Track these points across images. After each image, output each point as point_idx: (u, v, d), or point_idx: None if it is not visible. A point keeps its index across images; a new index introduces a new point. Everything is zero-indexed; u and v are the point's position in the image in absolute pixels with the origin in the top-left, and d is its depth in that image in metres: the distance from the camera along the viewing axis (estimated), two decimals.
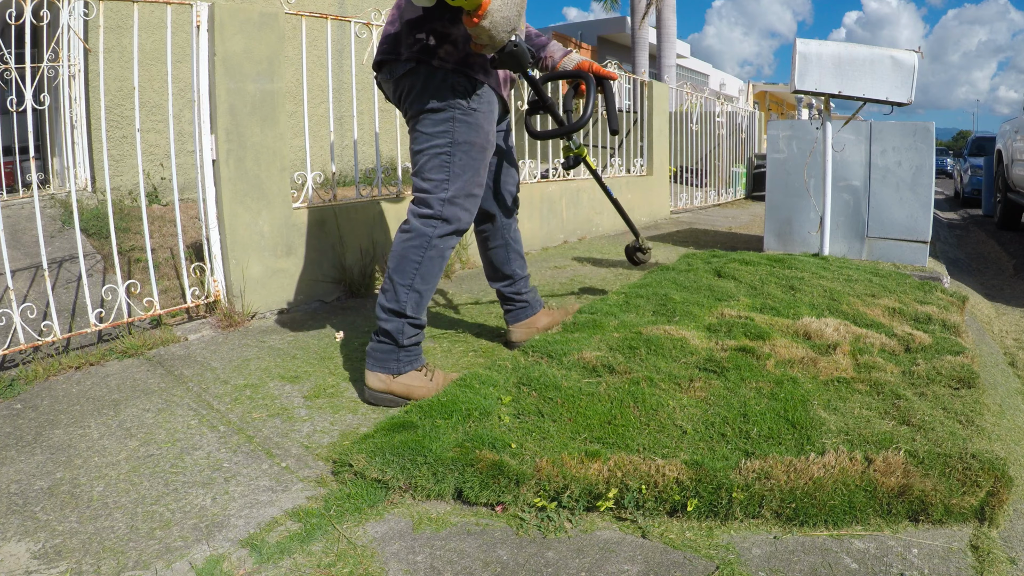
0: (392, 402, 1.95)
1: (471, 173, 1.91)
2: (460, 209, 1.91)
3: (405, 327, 1.93)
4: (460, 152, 1.87)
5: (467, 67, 1.85)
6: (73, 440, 1.79)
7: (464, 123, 1.87)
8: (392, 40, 1.90)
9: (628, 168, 6.27)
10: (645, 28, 13.97)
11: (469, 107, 1.87)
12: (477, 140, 1.89)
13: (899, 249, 3.99)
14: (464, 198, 1.91)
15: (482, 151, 1.92)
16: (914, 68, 3.45)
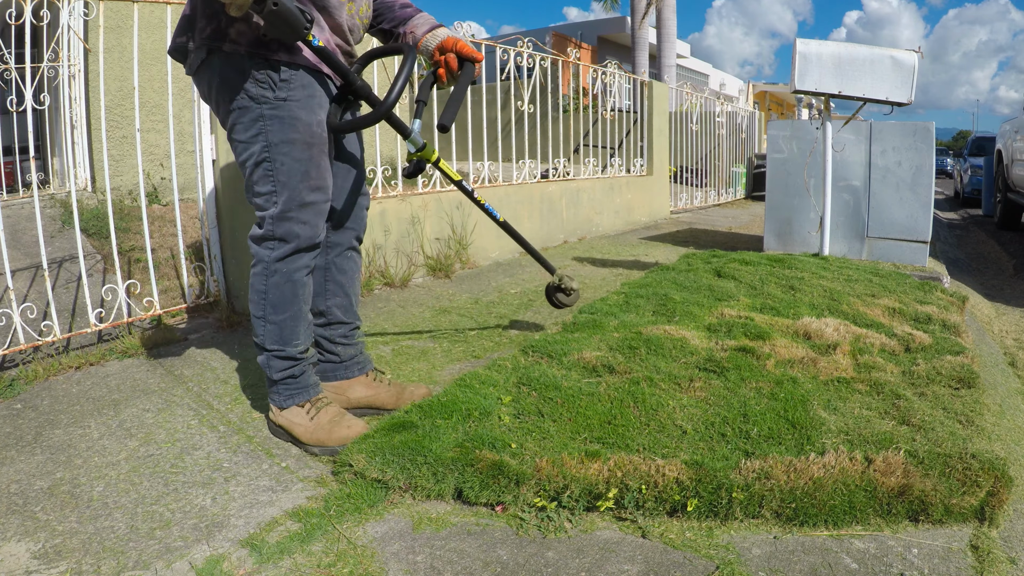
0: (284, 436, 1.73)
1: (299, 177, 1.55)
2: (295, 223, 1.57)
3: (271, 360, 1.67)
4: (280, 155, 1.52)
5: (263, 47, 1.47)
6: (73, 440, 1.79)
7: (275, 119, 1.51)
8: (186, 23, 1.54)
9: (628, 168, 6.27)
10: (645, 28, 13.97)
11: (276, 98, 1.50)
12: (297, 136, 1.53)
13: (899, 249, 3.99)
14: (298, 209, 1.56)
15: (308, 148, 1.55)
16: (914, 68, 3.45)
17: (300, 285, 1.63)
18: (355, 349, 1.88)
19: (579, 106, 7.16)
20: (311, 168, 1.57)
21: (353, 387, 1.87)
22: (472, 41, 3.99)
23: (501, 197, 4.26)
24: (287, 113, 1.52)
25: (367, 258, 3.34)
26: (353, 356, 1.87)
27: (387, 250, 3.46)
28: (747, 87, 16.53)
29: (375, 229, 3.39)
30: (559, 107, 5.26)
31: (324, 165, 1.60)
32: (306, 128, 1.55)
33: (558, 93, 6.42)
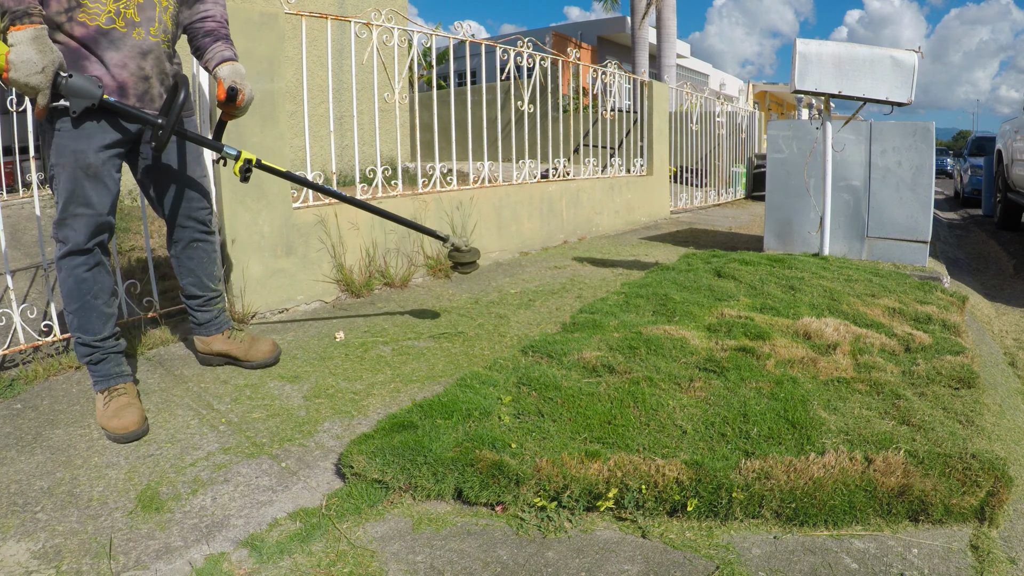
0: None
1: (67, 194, 1.81)
2: (69, 229, 1.84)
3: (76, 346, 1.93)
4: (60, 172, 1.80)
5: None
6: (73, 440, 1.79)
7: (54, 145, 1.79)
8: None
9: (628, 168, 6.27)
10: (645, 28, 13.97)
11: (53, 128, 1.78)
12: (66, 161, 1.79)
13: (899, 249, 3.99)
14: (71, 218, 1.83)
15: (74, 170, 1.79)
16: (914, 68, 3.45)
17: (88, 282, 1.88)
18: (211, 315, 2.27)
19: (579, 106, 7.16)
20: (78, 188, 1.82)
21: (214, 341, 2.29)
22: (472, 41, 4.00)
23: (501, 197, 4.26)
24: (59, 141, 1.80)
25: (367, 258, 3.34)
26: (210, 320, 2.27)
27: (387, 250, 3.47)
28: (747, 87, 16.53)
29: (375, 229, 3.39)
30: (559, 107, 5.26)
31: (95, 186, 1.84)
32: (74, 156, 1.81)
33: (558, 93, 6.41)
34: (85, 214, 1.83)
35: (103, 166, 1.85)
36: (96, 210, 1.84)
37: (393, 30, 3.45)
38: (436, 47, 15.00)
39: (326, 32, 3.30)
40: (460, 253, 2.61)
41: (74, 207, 1.82)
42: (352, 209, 3.27)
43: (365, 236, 3.34)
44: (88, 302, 1.88)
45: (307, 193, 3.14)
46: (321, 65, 5.69)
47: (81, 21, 1.74)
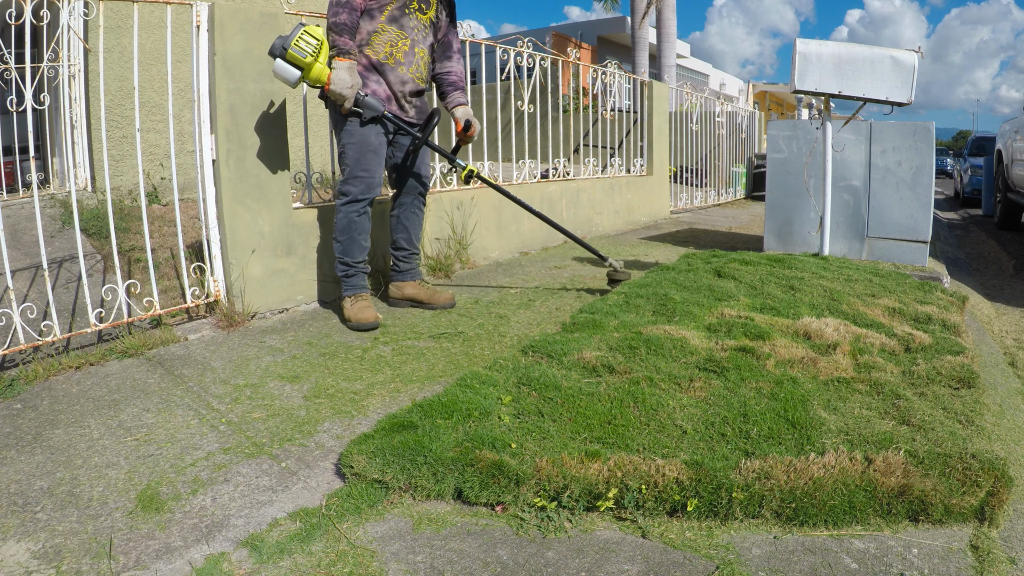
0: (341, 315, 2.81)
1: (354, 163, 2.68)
2: (351, 186, 2.69)
3: (337, 265, 2.79)
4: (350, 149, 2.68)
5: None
6: (73, 440, 1.79)
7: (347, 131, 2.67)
8: None
9: (628, 168, 6.27)
10: (645, 28, 13.97)
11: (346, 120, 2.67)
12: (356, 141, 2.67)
13: (899, 249, 3.99)
14: (354, 179, 2.69)
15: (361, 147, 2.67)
16: (914, 68, 3.45)
17: (352, 221, 2.72)
18: (410, 265, 3.05)
19: (579, 106, 7.16)
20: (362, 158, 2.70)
21: (407, 287, 3.04)
22: (472, 41, 3.99)
23: (501, 197, 4.26)
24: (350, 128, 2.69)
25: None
26: (409, 269, 3.05)
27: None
28: (747, 87, 16.53)
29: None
30: (559, 107, 5.26)
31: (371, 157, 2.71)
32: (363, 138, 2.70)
33: (558, 93, 6.41)
34: (364, 176, 2.69)
35: (380, 146, 2.72)
36: (372, 174, 2.70)
37: None
38: None
39: None
40: (616, 272, 3.23)
41: (358, 171, 2.68)
42: None
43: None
44: (353, 236, 2.73)
45: (307, 193, 3.13)
46: None
47: (366, 53, 2.66)
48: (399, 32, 2.66)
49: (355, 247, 2.74)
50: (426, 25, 2.77)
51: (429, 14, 2.78)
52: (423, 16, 2.75)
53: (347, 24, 2.54)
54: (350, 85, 2.54)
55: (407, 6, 2.67)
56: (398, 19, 2.66)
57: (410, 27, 2.69)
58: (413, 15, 2.70)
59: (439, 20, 2.86)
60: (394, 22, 2.65)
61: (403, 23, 2.67)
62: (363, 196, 2.70)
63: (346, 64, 2.53)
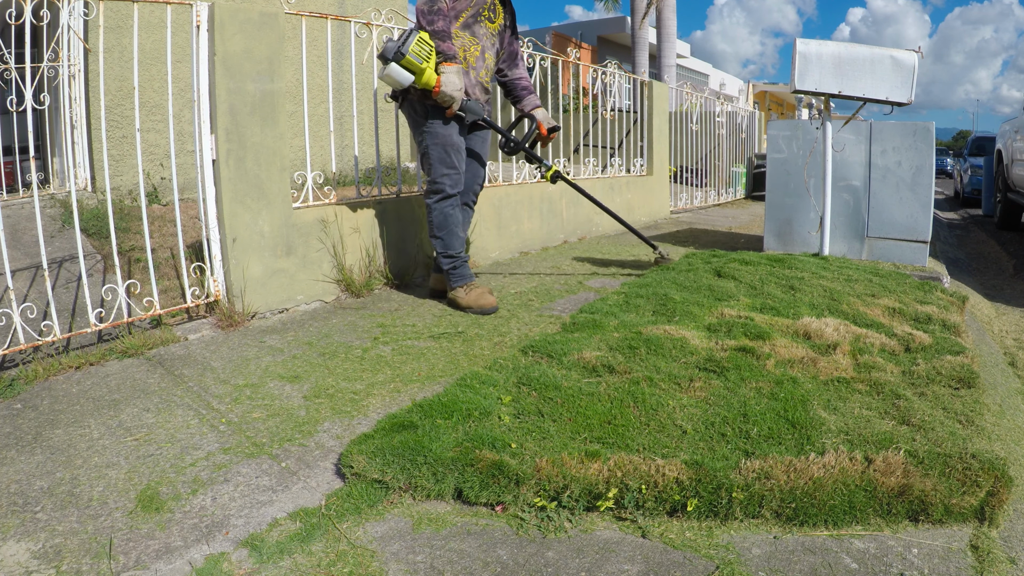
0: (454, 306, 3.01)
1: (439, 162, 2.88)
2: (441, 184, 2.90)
3: (441, 259, 3.02)
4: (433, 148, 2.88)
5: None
6: (73, 440, 1.79)
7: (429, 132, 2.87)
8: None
9: (628, 168, 6.27)
10: (645, 28, 13.97)
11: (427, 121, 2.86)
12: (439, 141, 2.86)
13: (899, 249, 3.99)
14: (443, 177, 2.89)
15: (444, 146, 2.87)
16: (914, 68, 3.45)
17: (447, 216, 2.94)
18: None
19: (579, 106, 7.16)
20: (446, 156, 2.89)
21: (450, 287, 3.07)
22: None
23: (501, 197, 4.26)
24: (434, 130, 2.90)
25: (367, 258, 3.34)
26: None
27: (387, 250, 3.46)
28: (747, 87, 16.53)
29: (375, 229, 3.39)
30: (559, 107, 5.26)
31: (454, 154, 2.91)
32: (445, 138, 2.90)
33: (558, 93, 6.41)
34: (452, 172, 2.88)
35: (461, 143, 2.90)
36: (458, 170, 2.90)
37: (393, 30, 3.45)
38: None
39: (326, 32, 3.30)
40: (664, 260, 3.73)
41: (446, 168, 2.87)
42: (352, 209, 3.27)
43: (365, 236, 3.34)
44: (451, 229, 2.95)
45: (307, 193, 3.13)
46: (321, 65, 5.69)
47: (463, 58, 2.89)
48: (471, 38, 2.87)
49: (455, 239, 2.97)
50: (494, 33, 3.00)
51: (497, 23, 3.01)
52: (491, 25, 2.97)
53: (447, 30, 2.74)
54: (459, 88, 2.74)
55: (479, 14, 2.88)
56: (471, 26, 2.87)
57: (480, 34, 2.91)
58: (483, 23, 2.92)
59: (505, 30, 3.07)
60: (467, 28, 2.86)
61: (475, 30, 2.88)
62: (454, 191, 2.92)
63: (455, 68, 2.74)
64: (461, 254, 2.99)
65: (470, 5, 2.84)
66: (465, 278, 2.99)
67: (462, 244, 3.01)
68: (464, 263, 3.00)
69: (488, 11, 2.92)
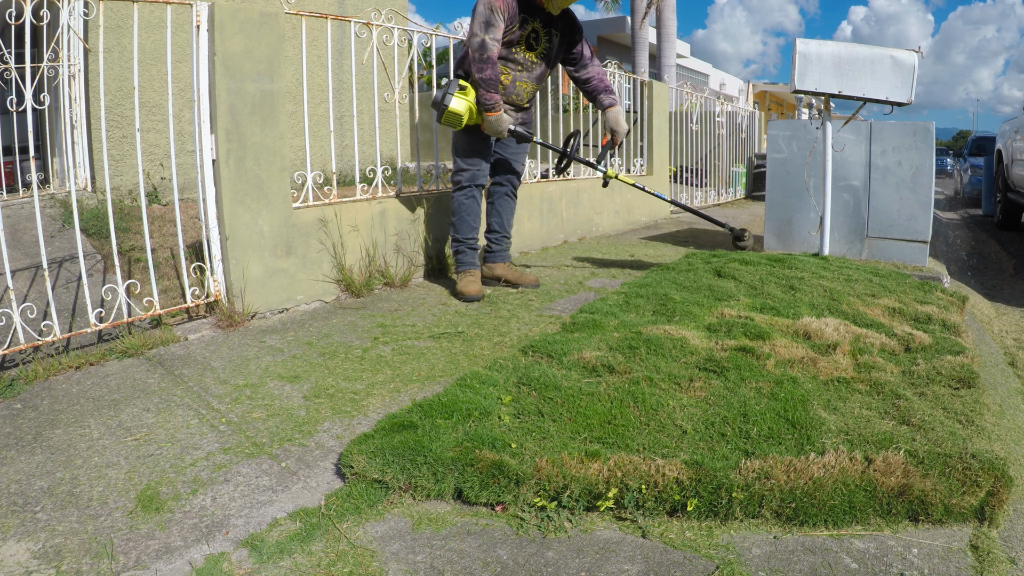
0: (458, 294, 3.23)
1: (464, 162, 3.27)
2: (461, 176, 3.28)
3: (452, 242, 3.36)
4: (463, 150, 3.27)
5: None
6: (73, 440, 1.79)
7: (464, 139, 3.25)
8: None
9: (628, 168, 6.27)
10: (645, 28, 13.96)
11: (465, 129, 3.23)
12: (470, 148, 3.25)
13: (899, 249, 3.99)
14: (463, 171, 3.27)
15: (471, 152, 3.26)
16: (914, 68, 3.45)
17: (462, 204, 3.29)
18: (501, 247, 3.49)
19: (579, 106, 7.15)
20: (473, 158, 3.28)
21: (497, 268, 3.48)
22: None
23: None
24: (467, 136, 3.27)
25: (367, 258, 3.35)
26: (500, 251, 3.49)
27: (387, 250, 3.46)
28: (747, 87, 16.53)
29: (375, 229, 3.39)
30: (559, 107, 5.25)
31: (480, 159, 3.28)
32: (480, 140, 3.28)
33: (558, 93, 6.40)
34: (471, 168, 3.26)
35: (486, 145, 3.26)
36: (478, 166, 3.26)
37: (393, 30, 3.45)
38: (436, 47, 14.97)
39: (326, 32, 3.30)
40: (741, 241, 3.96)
41: (466, 163, 3.25)
42: (352, 209, 3.27)
43: (365, 236, 3.34)
44: (462, 216, 3.28)
45: (307, 193, 3.13)
46: (321, 65, 5.69)
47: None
48: (503, 68, 3.18)
49: (464, 225, 3.29)
50: (534, 60, 3.24)
51: (538, 50, 3.23)
52: (530, 53, 3.21)
53: (493, 79, 3.01)
54: (500, 130, 3.13)
55: (514, 47, 3.15)
56: (505, 57, 3.16)
57: (516, 61, 3.19)
58: (520, 52, 3.18)
59: (551, 51, 3.29)
60: (501, 60, 3.15)
61: (508, 60, 3.17)
62: (468, 183, 3.26)
63: (494, 117, 3.08)
64: (467, 240, 3.27)
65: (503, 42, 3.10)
66: (464, 264, 3.29)
67: (471, 231, 3.28)
68: (467, 251, 3.29)
69: (526, 41, 3.16)
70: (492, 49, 2.97)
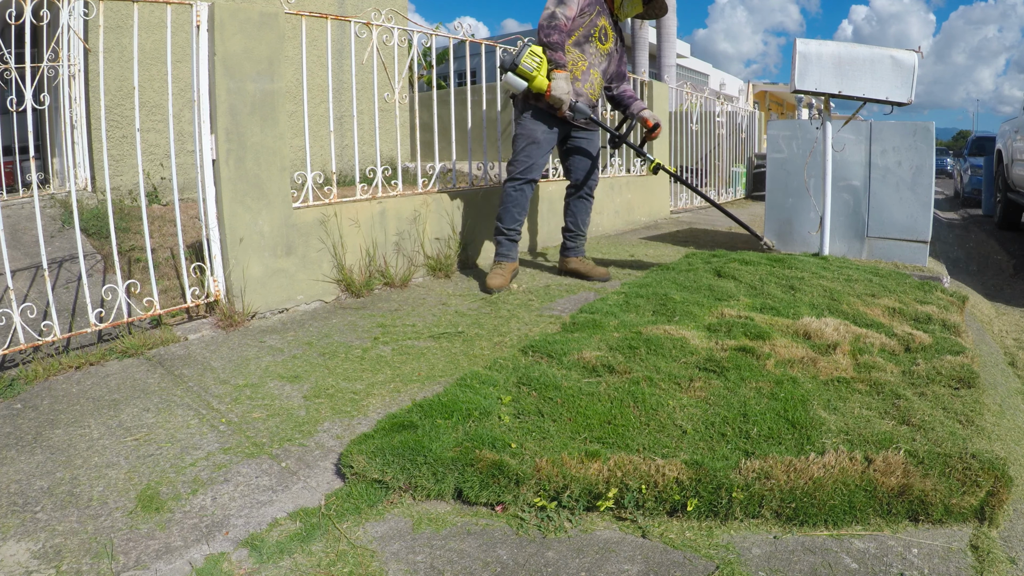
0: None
1: (521, 151, 3.42)
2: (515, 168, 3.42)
3: (496, 230, 3.50)
4: (520, 139, 3.44)
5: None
6: (73, 440, 1.79)
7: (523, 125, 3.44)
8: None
9: (628, 168, 6.27)
10: (645, 28, 13.95)
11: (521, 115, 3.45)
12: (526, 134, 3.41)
13: (899, 249, 3.99)
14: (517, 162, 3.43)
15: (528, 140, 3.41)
16: (914, 68, 3.45)
17: (509, 195, 3.44)
18: (575, 244, 3.71)
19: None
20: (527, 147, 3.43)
21: (571, 262, 3.70)
22: (471, 40, 4.00)
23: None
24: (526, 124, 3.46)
25: (367, 258, 3.34)
26: (574, 247, 3.72)
27: (387, 250, 3.46)
28: (747, 87, 16.52)
29: (375, 229, 3.39)
30: None
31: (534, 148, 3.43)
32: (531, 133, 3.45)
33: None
34: (523, 161, 3.39)
35: (545, 141, 3.41)
36: (530, 160, 3.39)
37: (393, 30, 3.45)
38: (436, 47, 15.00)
39: (326, 32, 3.30)
40: (772, 250, 3.90)
41: (519, 156, 3.40)
42: (353, 209, 3.27)
43: (365, 236, 3.34)
44: (507, 206, 3.42)
45: (307, 192, 3.14)
46: (321, 65, 5.69)
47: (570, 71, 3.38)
48: (580, 55, 3.37)
49: (507, 216, 3.43)
50: (604, 54, 3.49)
51: (607, 45, 3.49)
52: (602, 46, 3.47)
53: (559, 42, 3.24)
54: (567, 92, 3.23)
55: (590, 36, 3.38)
56: (581, 45, 3.37)
57: (589, 52, 3.41)
58: (593, 43, 3.42)
59: (615, 52, 3.56)
60: (577, 46, 3.36)
61: (584, 48, 3.38)
62: (518, 176, 3.40)
63: (563, 75, 3.23)
64: (509, 231, 3.44)
65: (582, 26, 3.32)
66: (499, 256, 3.48)
67: (513, 222, 3.45)
68: (506, 241, 3.46)
69: (600, 33, 3.42)
70: (560, 20, 3.22)
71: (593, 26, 3.36)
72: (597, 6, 3.36)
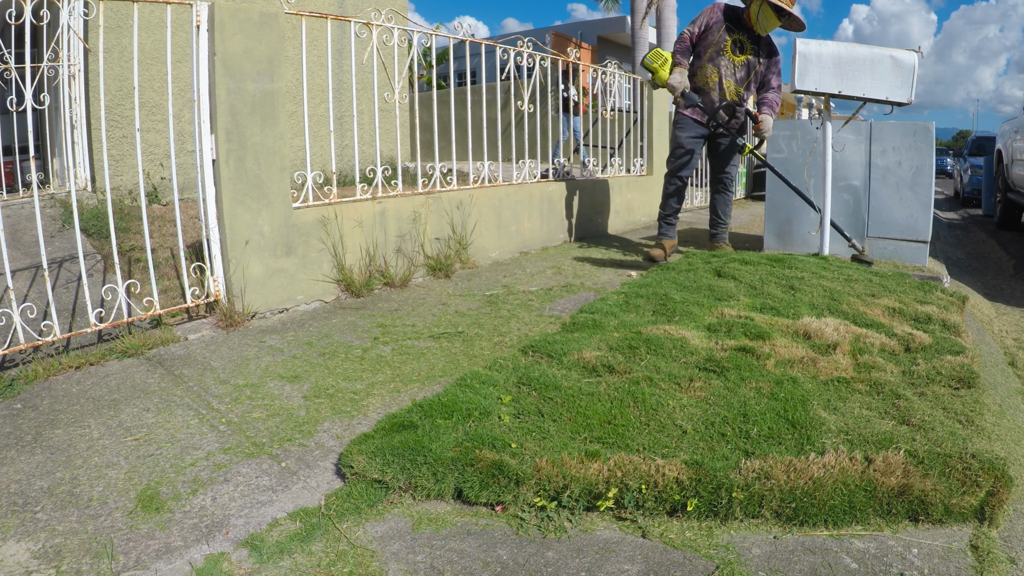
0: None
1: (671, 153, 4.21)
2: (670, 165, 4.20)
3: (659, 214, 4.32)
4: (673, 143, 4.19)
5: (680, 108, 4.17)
6: (73, 440, 1.79)
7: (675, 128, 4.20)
8: None
9: (628, 168, 6.27)
10: (645, 28, 13.96)
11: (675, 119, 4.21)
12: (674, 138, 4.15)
13: (899, 249, 3.98)
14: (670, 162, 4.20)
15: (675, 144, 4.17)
16: (914, 68, 3.45)
17: (666, 187, 4.22)
18: (716, 231, 4.37)
19: (578, 108, 7.14)
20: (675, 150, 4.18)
21: (715, 246, 4.28)
22: (471, 40, 4.00)
23: (501, 197, 4.26)
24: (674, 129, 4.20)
25: (367, 258, 3.35)
26: (716, 234, 4.38)
27: (387, 250, 3.46)
28: None
29: (376, 229, 3.39)
30: (559, 107, 5.24)
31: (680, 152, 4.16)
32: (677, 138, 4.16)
33: (558, 93, 6.40)
34: (673, 161, 4.15)
35: (691, 144, 4.09)
36: (678, 160, 4.13)
37: (393, 30, 3.45)
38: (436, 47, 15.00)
39: (326, 32, 3.30)
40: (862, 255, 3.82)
41: (670, 157, 4.19)
42: (352, 209, 3.27)
43: (366, 236, 3.34)
44: (664, 197, 4.23)
45: (307, 192, 3.13)
46: (321, 65, 5.69)
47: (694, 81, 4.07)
48: (712, 68, 3.98)
49: (664, 204, 4.24)
50: (739, 65, 3.97)
51: (744, 57, 3.95)
52: (737, 58, 3.95)
53: (677, 51, 4.03)
54: (678, 82, 3.92)
55: (721, 51, 3.94)
56: (714, 59, 3.96)
57: (722, 65, 3.96)
58: (726, 56, 3.95)
59: (755, 62, 3.99)
60: (710, 61, 3.97)
61: (717, 62, 3.96)
62: (671, 173, 4.18)
63: (678, 70, 3.96)
64: (666, 217, 4.22)
65: (712, 44, 3.93)
66: (660, 235, 4.25)
67: (668, 209, 4.20)
68: (665, 224, 4.23)
69: (734, 47, 3.93)
70: (684, 35, 4.00)
71: (724, 41, 3.92)
72: (725, 23, 3.92)
